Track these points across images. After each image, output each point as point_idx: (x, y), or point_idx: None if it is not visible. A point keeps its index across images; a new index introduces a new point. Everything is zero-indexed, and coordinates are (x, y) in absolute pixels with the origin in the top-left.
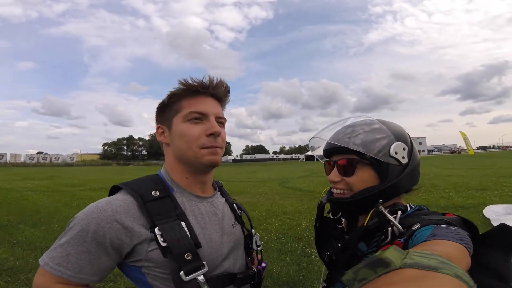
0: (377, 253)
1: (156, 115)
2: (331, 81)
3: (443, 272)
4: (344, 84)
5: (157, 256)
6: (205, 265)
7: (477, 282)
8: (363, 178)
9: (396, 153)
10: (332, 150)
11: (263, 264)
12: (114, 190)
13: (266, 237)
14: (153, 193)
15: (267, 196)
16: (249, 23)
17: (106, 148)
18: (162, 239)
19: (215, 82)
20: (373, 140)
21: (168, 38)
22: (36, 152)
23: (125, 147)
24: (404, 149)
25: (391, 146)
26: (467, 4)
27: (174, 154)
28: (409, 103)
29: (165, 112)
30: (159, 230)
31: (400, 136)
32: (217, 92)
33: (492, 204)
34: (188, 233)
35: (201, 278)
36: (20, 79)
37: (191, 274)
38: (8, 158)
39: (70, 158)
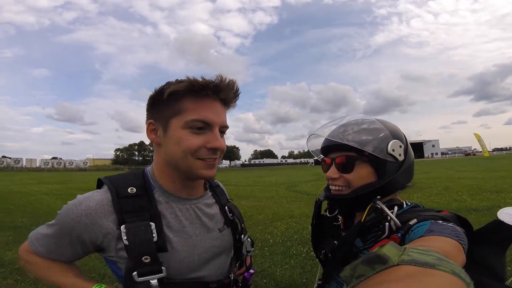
0: (375, 249)
1: (148, 108)
2: (340, 84)
3: (440, 269)
4: (353, 87)
5: (124, 254)
6: (163, 270)
7: (472, 279)
8: (362, 175)
9: (393, 150)
10: (330, 147)
11: (251, 271)
12: (100, 183)
13: (271, 240)
14: (129, 189)
15: (274, 200)
16: (254, 28)
17: (118, 153)
18: (125, 237)
19: (226, 83)
20: (371, 137)
21: (176, 45)
22: (51, 157)
23: (136, 153)
24: (400, 146)
25: (388, 143)
26: (472, 4)
27: (165, 157)
28: (420, 105)
29: (160, 107)
30: (124, 228)
31: (396, 133)
32: (227, 96)
33: (507, 206)
34: (155, 235)
35: (154, 282)
36: (35, 86)
37: (145, 276)
38: (24, 163)
39: (83, 163)
